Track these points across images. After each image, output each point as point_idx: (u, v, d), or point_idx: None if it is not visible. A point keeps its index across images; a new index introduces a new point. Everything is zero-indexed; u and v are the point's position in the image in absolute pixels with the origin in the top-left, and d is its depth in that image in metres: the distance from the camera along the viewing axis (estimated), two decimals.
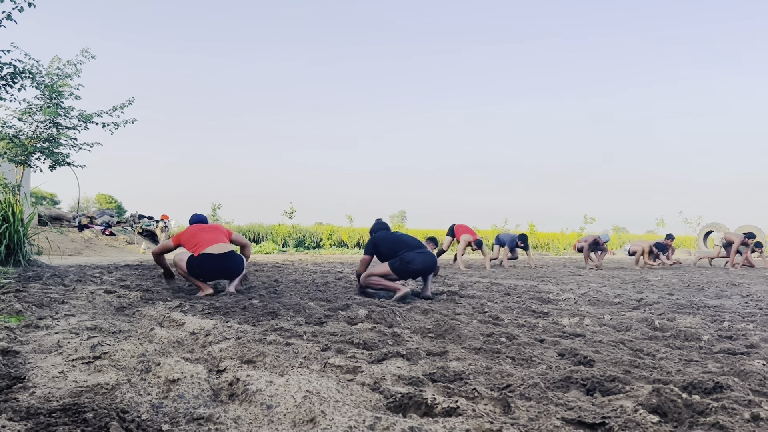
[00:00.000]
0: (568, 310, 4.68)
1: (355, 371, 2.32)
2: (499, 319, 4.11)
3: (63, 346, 2.69)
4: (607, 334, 3.58)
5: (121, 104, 12.70)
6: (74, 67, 12.19)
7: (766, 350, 3.04)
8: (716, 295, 6.47)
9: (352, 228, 26.72)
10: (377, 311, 4.06)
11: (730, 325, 4.03)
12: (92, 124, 12.58)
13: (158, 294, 5.26)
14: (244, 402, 1.90)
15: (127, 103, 12.80)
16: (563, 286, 7.34)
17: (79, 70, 12.25)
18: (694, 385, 2.21)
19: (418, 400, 1.87)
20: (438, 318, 3.90)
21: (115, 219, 19.80)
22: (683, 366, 2.67)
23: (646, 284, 8.00)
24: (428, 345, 3.04)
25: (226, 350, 2.63)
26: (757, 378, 2.36)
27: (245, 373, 2.12)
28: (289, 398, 1.84)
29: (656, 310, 4.81)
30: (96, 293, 4.91)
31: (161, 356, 2.50)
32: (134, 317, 3.92)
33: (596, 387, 2.21)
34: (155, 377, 2.14)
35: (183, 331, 3.22)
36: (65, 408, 1.70)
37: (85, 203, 50.65)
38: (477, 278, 8.59)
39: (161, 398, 1.94)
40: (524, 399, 2.02)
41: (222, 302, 4.54)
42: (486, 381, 2.30)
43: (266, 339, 2.96)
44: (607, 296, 6.03)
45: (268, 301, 4.66)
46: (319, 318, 3.88)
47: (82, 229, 17.10)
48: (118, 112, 12.69)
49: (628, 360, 2.71)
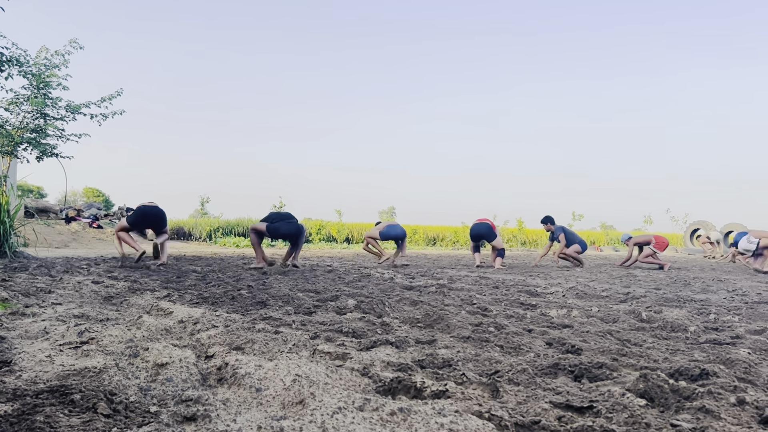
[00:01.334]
0: (556, 303, 4.70)
1: (344, 357, 2.32)
2: (488, 310, 4.12)
3: (50, 332, 2.67)
4: (595, 325, 3.59)
5: (109, 95, 12.59)
6: (62, 57, 12.08)
7: (752, 341, 3.07)
8: (702, 290, 6.52)
9: (341, 223, 26.72)
10: (366, 302, 4.06)
11: (716, 317, 4.06)
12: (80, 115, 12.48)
13: (146, 284, 5.24)
14: (233, 385, 1.90)
15: (116, 94, 12.69)
16: (551, 281, 7.38)
17: (68, 61, 12.15)
18: (680, 372, 2.23)
19: (407, 383, 1.87)
20: (427, 309, 3.90)
21: (102, 212, 19.68)
22: (670, 355, 2.69)
23: (633, 279, 8.05)
24: (417, 334, 3.04)
25: (214, 337, 2.62)
26: (742, 366, 2.39)
27: (234, 358, 2.12)
28: (278, 381, 1.84)
29: (643, 304, 4.84)
30: (83, 283, 4.88)
31: (149, 342, 2.49)
32: (122, 306, 3.89)
33: (584, 373, 2.22)
34: (143, 362, 2.13)
35: (171, 319, 3.20)
36: (52, 390, 1.69)
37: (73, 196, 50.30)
38: (466, 272, 8.61)
39: (149, 381, 1.93)
40: (513, 384, 2.03)
41: (210, 293, 4.53)
42: (475, 367, 2.31)
43: (255, 327, 2.96)
44: (594, 290, 6.06)
45: (257, 292, 4.65)
46: (308, 308, 3.88)
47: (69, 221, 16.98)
48: (107, 103, 12.60)
49: (616, 349, 2.73)
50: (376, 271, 8.13)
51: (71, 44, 12.10)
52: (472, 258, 13.87)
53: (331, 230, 25.95)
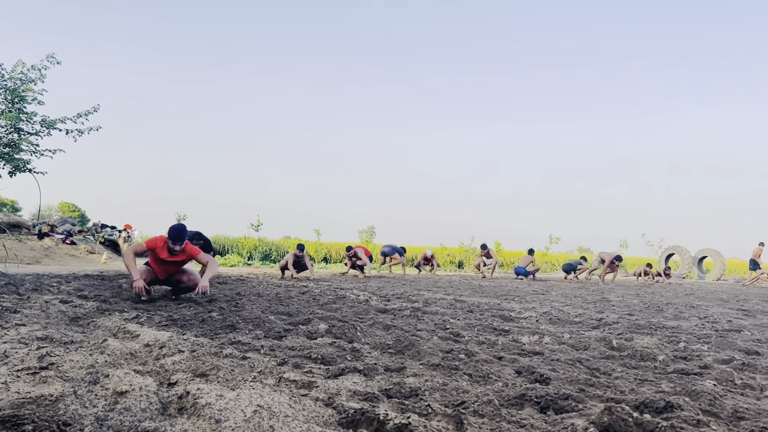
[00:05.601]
0: (528, 329, 4.71)
1: (309, 386, 2.29)
2: (460, 335, 4.11)
3: (9, 356, 2.60)
4: (566, 352, 3.60)
5: (85, 111, 12.45)
6: (39, 72, 11.95)
7: (719, 371, 3.09)
8: (675, 317, 6.57)
9: (319, 242, 26.61)
10: (338, 326, 4.03)
11: (686, 345, 4.09)
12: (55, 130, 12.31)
13: (116, 305, 5.15)
14: (193, 416, 1.86)
15: (92, 110, 12.55)
16: (526, 305, 7.39)
17: (44, 76, 12.01)
18: (646, 404, 2.23)
19: (370, 416, 1.85)
20: (399, 334, 3.88)
21: (76, 228, 19.38)
22: (637, 385, 2.70)
23: (607, 304, 8.10)
24: (387, 361, 3.02)
25: (179, 363, 2.58)
26: (707, 398, 2.40)
27: (196, 387, 2.08)
28: (239, 412, 1.80)
29: (615, 330, 4.86)
30: (51, 303, 4.78)
31: (111, 368, 2.44)
32: (88, 328, 3.82)
33: (550, 405, 2.22)
34: (103, 389, 2.08)
35: (137, 342, 3.15)
36: (3, 420, 1.64)
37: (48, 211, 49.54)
38: (442, 295, 8.60)
39: (107, 411, 1.89)
40: (477, 416, 2.01)
41: (180, 314, 4.46)
42: (441, 397, 2.29)
43: (222, 352, 2.91)
44: (568, 315, 6.08)
45: (228, 314, 4.59)
46: (278, 332, 3.83)
47: (42, 237, 16.69)
48: (83, 119, 12.45)
49: (584, 378, 2.73)
50: (351, 293, 8.09)
51: (48, 59, 11.99)
52: (448, 279, 13.85)
53: (308, 250, 25.84)
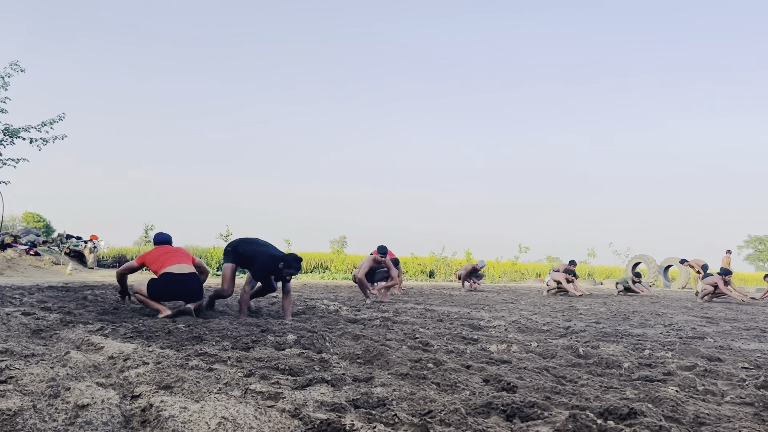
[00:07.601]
0: (497, 337, 4.74)
1: (276, 397, 2.27)
2: (429, 345, 4.12)
3: None
4: (533, 360, 3.63)
5: (50, 120, 12.27)
6: (2, 79, 11.74)
7: (682, 377, 3.15)
8: (640, 324, 6.69)
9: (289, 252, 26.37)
10: (307, 336, 4.01)
11: (651, 353, 4.16)
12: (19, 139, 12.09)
13: (80, 316, 5.04)
14: (156, 428, 1.83)
15: (57, 119, 12.37)
16: (495, 314, 7.45)
17: (7, 83, 11.80)
18: (610, 411, 2.26)
19: (336, 426, 1.84)
20: (368, 344, 3.88)
21: (41, 238, 18.98)
22: (602, 392, 2.74)
23: (575, 313, 8.20)
24: (355, 371, 3.01)
25: (143, 375, 2.54)
26: (670, 404, 2.44)
27: (160, 399, 2.05)
28: (203, 425, 1.78)
29: (582, 338, 4.93)
30: (12, 315, 4.67)
31: (73, 381, 2.39)
32: (51, 340, 3.74)
33: (516, 413, 2.23)
34: (63, 403, 2.04)
35: (101, 355, 3.09)
36: None
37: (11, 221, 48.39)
38: (412, 304, 8.61)
39: (67, 425, 1.85)
40: (444, 425, 2.02)
41: (146, 326, 4.38)
42: (408, 407, 2.29)
43: (188, 364, 2.88)
44: (536, 324, 6.14)
45: (195, 326, 4.53)
46: (246, 343, 3.79)
47: (5, 248, 16.29)
48: (47, 127, 12.25)
49: (550, 386, 2.76)
50: (321, 303, 8.06)
51: (12, 66, 11.78)
52: (419, 289, 13.92)
53: None
